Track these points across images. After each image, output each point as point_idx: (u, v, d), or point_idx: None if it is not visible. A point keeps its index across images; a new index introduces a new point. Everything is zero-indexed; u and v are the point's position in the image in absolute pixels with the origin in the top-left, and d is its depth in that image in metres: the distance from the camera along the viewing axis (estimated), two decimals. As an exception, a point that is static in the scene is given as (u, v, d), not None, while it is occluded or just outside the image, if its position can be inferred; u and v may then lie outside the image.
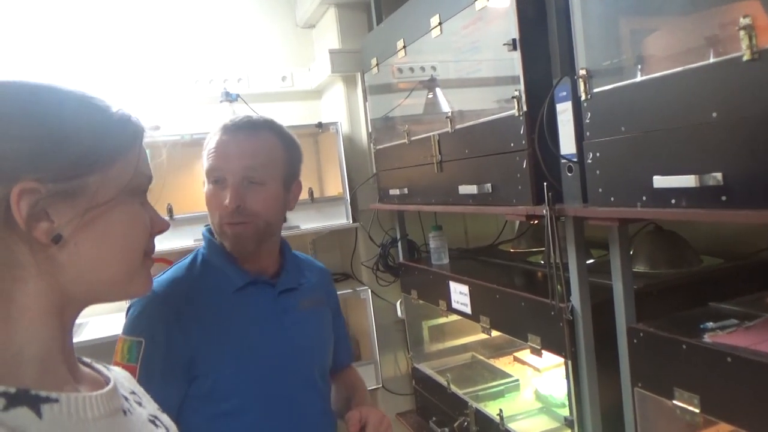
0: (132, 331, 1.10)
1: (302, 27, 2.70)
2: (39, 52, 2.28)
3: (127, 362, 1.06)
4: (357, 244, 2.49)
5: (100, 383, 0.62)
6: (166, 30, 2.49)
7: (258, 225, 1.14)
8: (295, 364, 1.20)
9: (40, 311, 0.55)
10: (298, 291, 1.26)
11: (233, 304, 1.15)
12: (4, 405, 0.48)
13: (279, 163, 1.17)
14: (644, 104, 0.99)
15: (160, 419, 0.68)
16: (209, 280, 1.16)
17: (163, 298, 1.11)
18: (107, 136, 0.60)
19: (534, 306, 1.41)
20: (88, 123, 0.59)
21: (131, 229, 0.62)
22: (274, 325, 1.18)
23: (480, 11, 1.41)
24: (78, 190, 0.56)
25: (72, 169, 0.56)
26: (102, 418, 0.56)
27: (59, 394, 0.53)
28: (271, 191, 1.16)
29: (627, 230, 1.15)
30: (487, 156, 1.47)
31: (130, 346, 1.08)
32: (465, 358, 2.25)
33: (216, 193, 1.14)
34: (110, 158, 0.59)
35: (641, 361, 1.11)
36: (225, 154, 1.13)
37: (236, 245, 1.15)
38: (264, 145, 1.16)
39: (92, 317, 2.31)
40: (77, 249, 0.56)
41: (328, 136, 2.45)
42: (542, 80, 1.26)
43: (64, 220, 0.55)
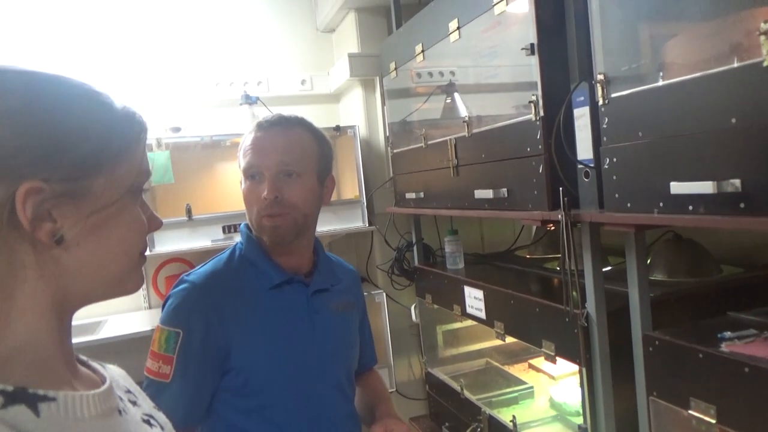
0: (170, 321, 1.11)
1: (322, 31, 2.72)
2: (62, 54, 2.34)
3: (164, 352, 1.08)
4: (373, 248, 2.49)
5: (96, 382, 0.62)
6: (188, 33, 2.53)
7: (295, 217, 1.17)
8: (323, 366, 1.22)
9: (39, 310, 0.55)
10: (330, 292, 1.27)
11: (268, 300, 1.17)
12: (2, 403, 0.49)
13: (312, 157, 1.20)
14: (662, 110, 0.98)
15: (155, 418, 0.68)
16: (247, 275, 1.18)
17: (203, 290, 1.13)
18: (114, 134, 0.59)
19: (549, 312, 1.40)
20: (95, 121, 0.57)
21: (132, 231, 0.61)
22: (306, 324, 1.20)
23: (499, 16, 1.41)
24: (84, 191, 0.55)
25: (78, 170, 0.55)
26: (98, 418, 0.55)
27: (56, 392, 0.53)
28: (307, 183, 1.19)
29: (644, 237, 1.14)
30: (503, 160, 1.47)
31: (167, 337, 1.09)
32: (479, 363, 2.24)
33: (253, 189, 1.17)
34: (116, 158, 0.58)
35: (657, 369, 1.10)
36: (261, 150, 1.17)
37: (274, 237, 1.17)
38: (298, 139, 1.19)
39: (111, 315, 2.34)
40: (79, 250, 0.56)
41: (345, 140, 2.47)
42: (559, 85, 1.25)
43: (68, 221, 0.54)
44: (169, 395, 1.06)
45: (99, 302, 0.62)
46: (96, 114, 0.58)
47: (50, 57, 2.30)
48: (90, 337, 2.07)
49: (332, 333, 1.25)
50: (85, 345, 2.01)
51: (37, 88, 0.54)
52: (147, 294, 2.45)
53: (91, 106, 0.58)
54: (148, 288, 2.45)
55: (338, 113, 2.77)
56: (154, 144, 2.14)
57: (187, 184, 2.25)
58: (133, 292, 0.64)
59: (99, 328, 2.19)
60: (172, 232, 2.16)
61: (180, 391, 1.08)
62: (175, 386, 1.08)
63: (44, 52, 2.30)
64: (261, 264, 1.19)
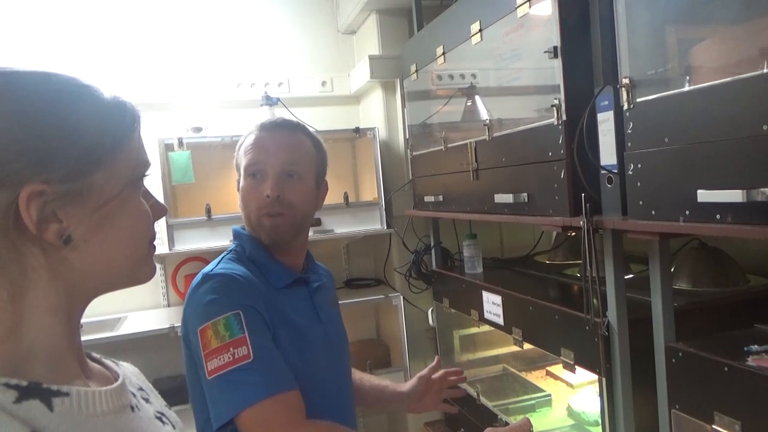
0: (222, 309, 1.04)
1: (343, 33, 2.72)
2: (84, 55, 2.37)
3: (231, 337, 1.00)
4: (390, 250, 2.48)
5: (108, 379, 0.62)
6: (211, 35, 2.55)
7: (295, 217, 1.17)
8: (337, 357, 1.24)
9: (49, 308, 0.55)
10: (323, 289, 1.29)
11: (282, 299, 1.17)
12: (17, 397, 0.49)
13: (312, 161, 1.23)
14: (690, 115, 0.95)
15: (167, 415, 0.68)
16: (258, 274, 1.17)
17: (240, 280, 1.09)
18: (108, 127, 0.58)
19: (568, 320, 1.37)
20: (88, 115, 0.56)
21: (137, 222, 0.61)
22: (315, 320, 1.21)
23: (521, 18, 1.39)
24: (86, 188, 0.55)
25: (78, 167, 0.54)
26: (110, 414, 0.56)
27: (70, 388, 0.53)
28: (307, 186, 1.20)
29: (668, 245, 1.11)
30: (524, 165, 1.45)
31: (227, 322, 1.02)
32: (496, 369, 2.22)
33: (254, 187, 1.17)
34: (113, 151, 0.57)
35: (680, 382, 1.07)
36: (265, 149, 1.18)
37: (273, 236, 1.17)
38: (300, 143, 1.22)
39: (131, 312, 2.37)
40: (87, 247, 0.56)
41: (365, 142, 2.46)
42: (583, 89, 1.23)
43: (74, 220, 0.54)
44: (260, 369, 1.00)
45: (111, 292, 0.61)
46: (88, 108, 0.57)
47: (72, 57, 2.33)
48: (109, 333, 2.09)
49: (336, 326, 1.28)
50: (105, 341, 2.04)
51: (28, 88, 0.54)
52: (166, 292, 2.47)
53: (82, 100, 0.57)
54: (167, 286, 2.47)
55: (358, 115, 2.77)
56: (176, 143, 2.16)
57: (207, 184, 2.26)
58: (145, 282, 0.63)
59: (119, 324, 2.21)
60: (192, 232, 2.18)
61: (270, 359, 1.03)
62: (263, 358, 1.01)
63: (68, 53, 2.34)
64: (269, 264, 1.19)
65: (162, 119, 2.44)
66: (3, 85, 0.53)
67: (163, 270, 2.47)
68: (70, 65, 2.31)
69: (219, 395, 1.01)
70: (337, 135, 2.50)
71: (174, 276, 2.45)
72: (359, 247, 2.67)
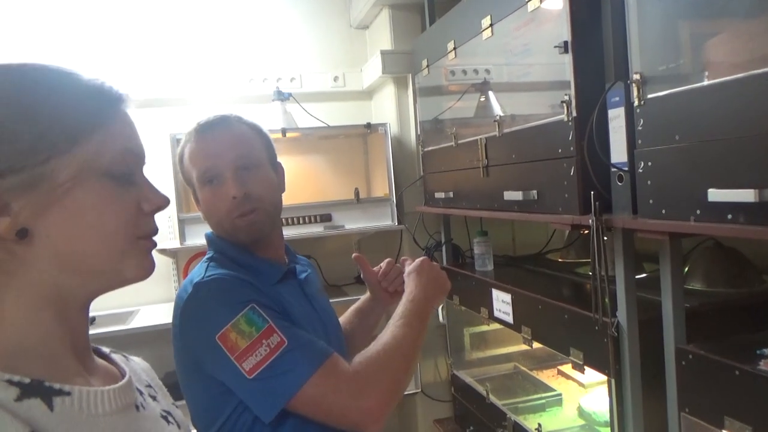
0: (234, 309, 1.00)
1: (356, 28, 2.71)
2: (93, 50, 2.39)
3: (258, 331, 0.97)
4: (401, 247, 2.47)
5: (114, 376, 0.61)
6: (223, 29, 2.56)
7: (267, 209, 1.15)
8: (333, 343, 1.21)
9: (32, 305, 0.53)
10: (309, 278, 1.28)
11: (276, 295, 1.14)
12: (18, 395, 0.48)
13: (260, 147, 1.19)
14: (702, 112, 0.93)
15: (173, 414, 0.67)
16: (246, 276, 1.13)
17: (235, 277, 1.06)
18: (70, 113, 0.54)
19: (578, 319, 1.35)
20: (42, 102, 0.53)
21: (108, 215, 0.56)
22: (309, 310, 1.20)
23: (532, 12, 1.37)
24: (39, 178, 0.51)
25: (28, 157, 0.51)
26: (113, 414, 0.55)
27: (72, 387, 0.52)
28: (266, 174, 1.17)
29: (679, 244, 1.08)
30: (533, 162, 1.42)
31: (248, 319, 0.98)
32: (507, 368, 2.20)
33: (215, 192, 1.12)
34: (76, 138, 0.53)
35: (690, 384, 1.04)
36: (212, 152, 1.12)
37: (252, 234, 1.14)
38: (242, 134, 1.16)
39: (143, 306, 2.39)
40: (50, 240, 0.53)
41: (376, 137, 2.45)
42: (593, 84, 1.20)
43: (28, 212, 0.51)
44: (299, 348, 0.98)
45: (107, 293, 0.58)
46: (44, 95, 0.53)
47: (84, 53, 2.35)
48: (121, 326, 2.12)
49: (329, 314, 1.27)
50: (117, 334, 2.06)
51: None
52: (177, 286, 2.48)
53: (38, 87, 0.53)
54: (179, 280, 2.49)
55: (370, 110, 2.76)
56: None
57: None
58: (137, 281, 0.59)
59: (131, 318, 2.23)
60: (203, 226, 2.15)
61: (300, 336, 1.01)
62: (295, 337, 0.99)
63: (80, 49, 2.35)
64: (255, 264, 1.15)
65: (173, 114, 2.45)
66: None
67: (175, 264, 2.48)
68: (82, 61, 2.33)
69: (266, 388, 0.97)
70: (349, 130, 2.50)
71: (186, 270, 2.47)
72: (370, 243, 2.66)
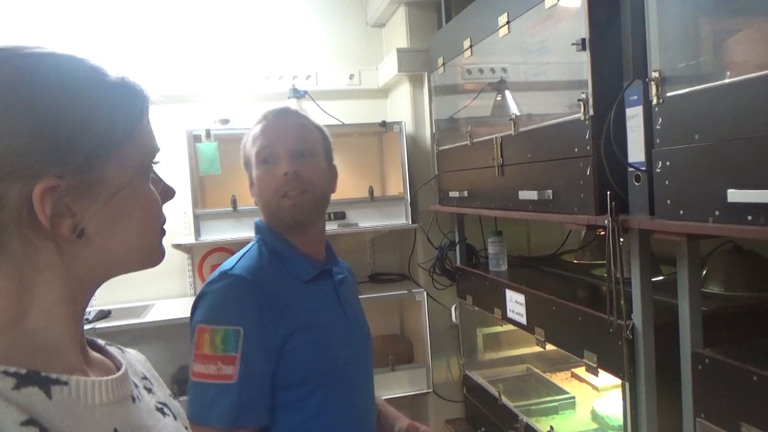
0: (225, 320, 1.04)
1: (372, 26, 2.71)
2: (111, 46, 2.41)
3: (223, 352, 1.01)
4: (415, 246, 2.46)
5: (110, 368, 0.61)
6: (240, 27, 2.57)
7: (315, 194, 1.18)
8: (360, 351, 1.23)
9: (57, 299, 0.54)
10: (346, 282, 1.28)
11: (306, 293, 1.16)
12: (15, 384, 0.49)
13: (319, 141, 1.24)
14: (722, 111, 0.90)
15: (169, 406, 0.67)
16: (281, 269, 1.16)
17: (253, 283, 1.09)
18: (118, 115, 0.56)
19: (592, 321, 1.33)
20: (98, 102, 0.54)
21: (148, 210, 0.59)
22: (340, 313, 1.20)
23: (549, 9, 1.35)
24: (98, 180, 0.54)
25: (90, 159, 0.53)
26: (109, 404, 0.55)
27: (69, 377, 0.52)
28: (320, 163, 1.22)
29: (697, 246, 1.06)
30: (549, 161, 1.41)
31: (224, 336, 1.02)
32: (520, 369, 2.18)
33: (269, 171, 1.17)
34: (123, 139, 0.56)
35: (706, 389, 1.02)
36: (275, 134, 1.19)
37: (296, 215, 1.16)
38: (303, 124, 1.24)
39: (158, 300, 2.41)
40: (99, 239, 0.55)
41: (391, 136, 2.45)
42: (611, 83, 1.19)
43: (87, 213, 0.53)
44: (236, 396, 1.01)
45: (140, 281, 0.61)
46: (98, 94, 0.55)
47: (102, 49, 2.38)
48: (136, 320, 2.14)
49: (360, 319, 1.27)
50: (132, 327, 2.08)
51: (41, 74, 0.52)
52: (192, 282, 2.51)
53: (93, 87, 0.55)
54: (194, 275, 2.50)
55: (386, 109, 2.75)
56: (203, 135, 2.18)
57: (233, 175, 2.27)
58: (155, 266, 0.62)
59: (146, 312, 2.25)
60: (218, 222, 2.20)
61: (249, 389, 1.03)
62: (243, 385, 1.02)
63: (98, 45, 2.38)
64: (292, 256, 1.18)
65: (190, 111, 2.47)
66: (17, 71, 0.51)
67: (190, 260, 2.50)
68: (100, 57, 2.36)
69: (193, 399, 1.04)
70: (364, 129, 2.49)
71: (200, 266, 2.48)
72: (384, 242, 2.66)
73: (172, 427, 0.64)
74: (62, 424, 0.50)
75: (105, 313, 2.21)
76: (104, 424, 0.54)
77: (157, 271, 0.63)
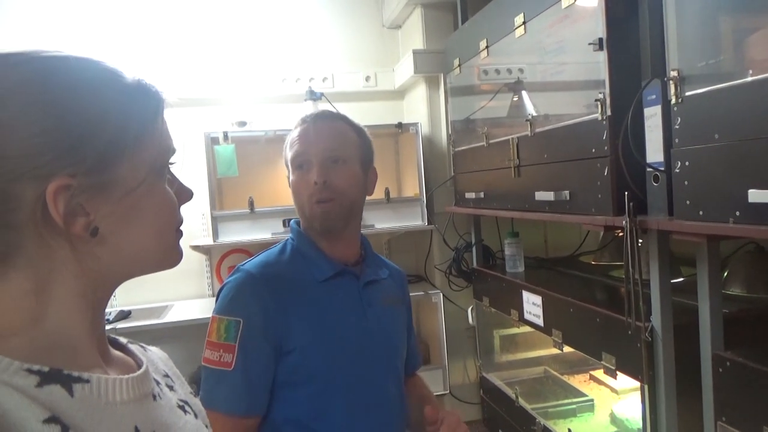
0: (229, 311, 1.12)
1: (388, 27, 2.71)
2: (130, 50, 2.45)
3: (225, 341, 1.09)
4: (431, 247, 2.46)
5: (131, 366, 0.62)
6: (257, 30, 2.59)
7: (343, 203, 1.19)
8: (377, 355, 1.22)
9: (74, 299, 0.55)
10: (379, 285, 1.28)
11: (322, 291, 1.18)
12: (38, 382, 0.49)
13: (354, 145, 1.24)
14: (742, 110, 0.89)
15: (190, 404, 0.68)
16: (299, 267, 1.20)
17: (259, 279, 1.15)
18: (132, 114, 0.56)
19: (610, 323, 1.32)
20: (112, 102, 0.55)
21: (163, 210, 0.59)
22: (359, 315, 1.20)
23: (566, 9, 1.34)
24: (111, 179, 0.54)
25: (103, 159, 0.53)
26: (130, 402, 0.55)
27: (90, 375, 0.53)
28: (352, 170, 1.22)
29: (717, 248, 1.05)
30: (566, 161, 1.40)
31: (227, 326, 1.10)
32: (537, 371, 2.16)
33: (302, 177, 1.20)
34: (137, 139, 0.56)
35: (727, 392, 1.01)
36: (307, 140, 1.21)
37: (325, 223, 1.19)
38: (341, 129, 1.24)
39: (177, 301, 2.44)
40: (114, 238, 0.55)
41: (407, 137, 2.45)
42: (629, 82, 1.17)
43: (100, 212, 0.54)
44: (231, 383, 1.08)
45: (158, 282, 0.61)
46: (112, 95, 0.55)
47: (120, 53, 2.42)
48: (156, 320, 2.16)
49: (384, 325, 1.25)
50: (152, 328, 2.11)
51: (55, 75, 0.53)
52: (210, 282, 2.53)
53: (107, 87, 0.55)
54: (212, 276, 2.53)
55: (402, 110, 2.76)
56: (221, 137, 2.21)
57: (250, 178, 2.30)
58: (172, 267, 0.62)
59: (165, 312, 2.28)
60: (235, 224, 2.22)
61: (243, 378, 1.09)
62: (238, 374, 1.08)
63: (116, 49, 2.42)
64: (313, 256, 1.21)
65: (208, 114, 2.50)
66: (31, 73, 0.52)
67: (208, 261, 2.53)
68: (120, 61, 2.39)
69: (202, 383, 1.10)
70: (380, 130, 2.49)
71: (218, 267, 2.51)
72: (400, 243, 2.66)
73: (192, 424, 0.64)
74: (84, 421, 0.51)
75: (125, 314, 2.24)
76: (125, 422, 0.54)
77: (175, 272, 0.63)
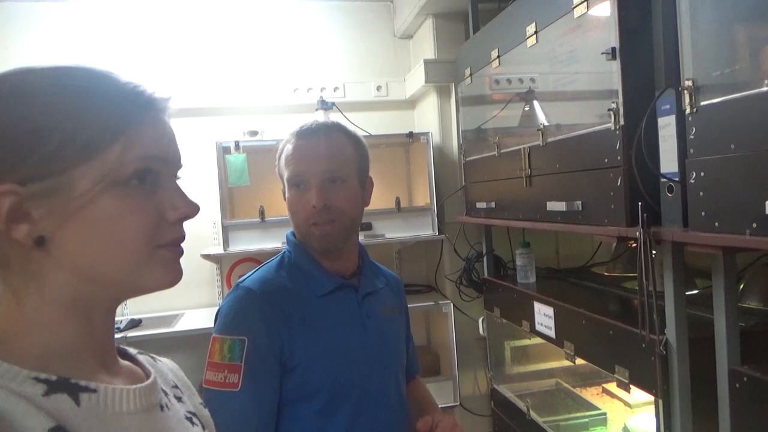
0: (232, 330, 1.09)
1: (400, 37, 2.72)
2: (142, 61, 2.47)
3: (229, 361, 1.06)
4: (442, 257, 2.45)
5: (139, 377, 0.62)
6: (269, 40, 2.61)
7: (343, 222, 1.17)
8: (378, 367, 1.21)
9: (59, 308, 0.54)
10: (377, 296, 1.27)
11: (321, 306, 1.17)
12: (45, 391, 0.49)
13: (353, 161, 1.21)
14: (759, 120, 0.88)
15: (199, 416, 0.67)
16: (298, 282, 1.18)
17: (260, 295, 1.13)
18: (95, 119, 0.53)
19: (624, 336, 1.30)
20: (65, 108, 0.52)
21: (120, 224, 0.54)
22: (359, 328, 1.19)
23: (578, 18, 1.34)
24: (61, 186, 0.51)
25: (51, 165, 0.51)
26: (137, 413, 0.55)
27: (98, 384, 0.53)
28: (352, 188, 1.19)
29: (734, 260, 1.03)
30: (578, 171, 1.38)
31: (231, 345, 1.07)
32: (549, 384, 2.14)
33: (299, 197, 1.17)
34: (99, 145, 0.53)
35: (744, 408, 0.99)
36: (305, 158, 1.17)
37: (325, 244, 1.17)
38: (338, 145, 1.20)
39: (188, 310, 2.45)
40: (66, 249, 0.53)
41: (418, 146, 2.45)
42: (642, 92, 1.16)
43: (48, 220, 0.51)
44: (240, 404, 1.05)
45: (136, 297, 0.59)
46: (69, 101, 0.53)
47: (133, 64, 2.44)
48: (166, 329, 2.17)
49: (384, 336, 1.24)
50: (162, 336, 2.12)
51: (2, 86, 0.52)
52: (221, 291, 2.54)
53: (62, 92, 0.53)
54: (222, 285, 2.53)
55: (413, 120, 2.76)
56: (232, 147, 2.22)
57: (261, 187, 2.31)
58: (159, 289, 0.58)
59: (175, 321, 2.29)
60: (246, 233, 2.23)
61: (252, 398, 1.06)
62: (246, 394, 1.05)
63: (129, 60, 2.45)
64: (312, 271, 1.19)
65: (220, 123, 2.51)
66: None
67: (218, 270, 2.54)
68: (129, 71, 2.42)
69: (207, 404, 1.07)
70: (391, 139, 2.50)
71: (229, 275, 2.51)
72: (411, 253, 2.65)
73: None
74: (90, 431, 0.51)
75: (136, 322, 2.25)
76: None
77: (186, 281, 0.60)
